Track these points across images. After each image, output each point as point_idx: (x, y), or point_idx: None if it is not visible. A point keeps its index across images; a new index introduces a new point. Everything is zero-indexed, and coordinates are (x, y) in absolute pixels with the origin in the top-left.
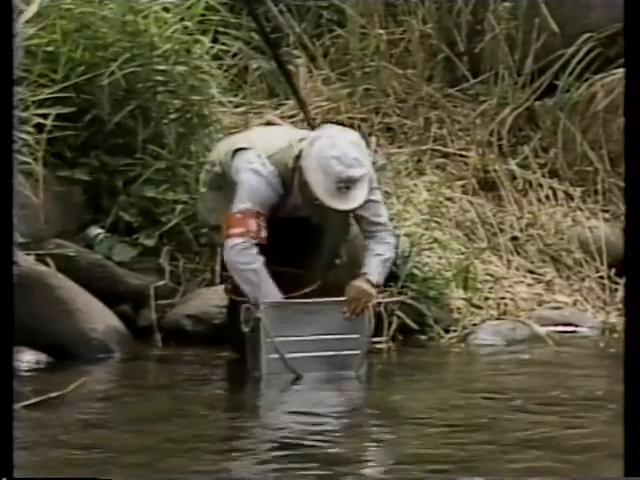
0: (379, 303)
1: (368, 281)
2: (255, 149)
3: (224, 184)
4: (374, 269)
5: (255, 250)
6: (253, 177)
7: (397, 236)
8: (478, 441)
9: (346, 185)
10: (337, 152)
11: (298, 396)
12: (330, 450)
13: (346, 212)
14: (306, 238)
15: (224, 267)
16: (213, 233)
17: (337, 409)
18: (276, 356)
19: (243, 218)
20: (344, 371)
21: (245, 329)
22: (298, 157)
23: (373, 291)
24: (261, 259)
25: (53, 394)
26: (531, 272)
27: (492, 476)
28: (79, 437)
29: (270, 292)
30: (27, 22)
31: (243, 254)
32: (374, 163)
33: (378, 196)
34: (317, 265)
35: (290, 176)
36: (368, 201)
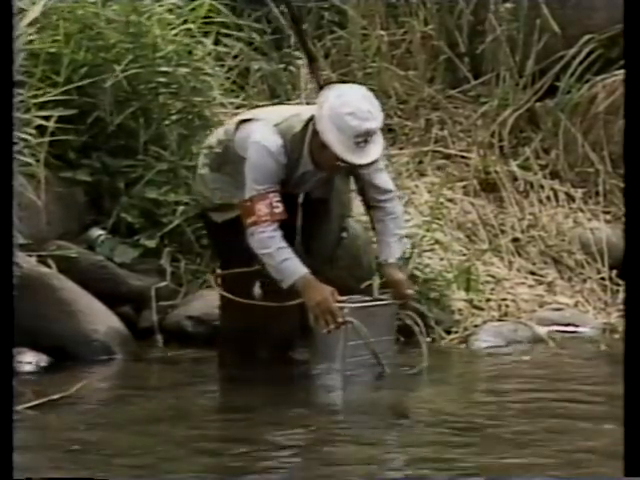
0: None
1: (396, 266)
2: (260, 120)
3: (226, 162)
4: (394, 252)
5: (269, 232)
6: (259, 153)
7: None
8: (478, 441)
9: (364, 139)
10: (350, 108)
11: (305, 396)
12: (330, 451)
13: (351, 177)
14: (312, 216)
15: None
16: (213, 213)
17: (335, 409)
18: (352, 359)
19: (252, 205)
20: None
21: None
22: (307, 123)
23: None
24: (277, 240)
25: (55, 396)
26: (532, 273)
27: (492, 476)
28: (80, 438)
29: (291, 271)
30: (29, 24)
31: (258, 240)
32: None
33: (382, 165)
34: (325, 242)
35: (299, 144)
36: (375, 170)
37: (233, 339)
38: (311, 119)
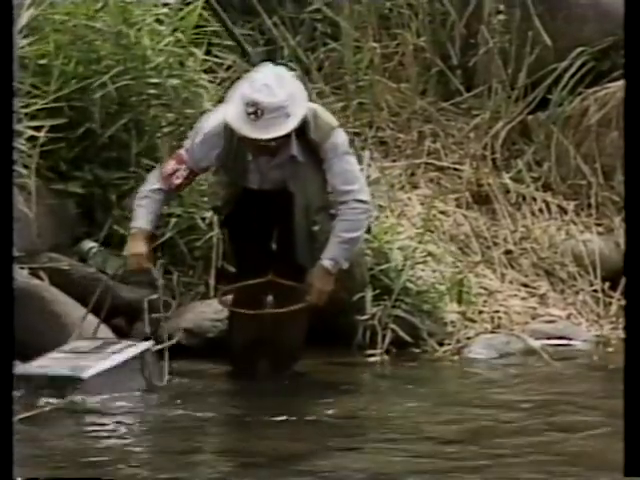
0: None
1: (324, 270)
2: None
3: None
4: (330, 254)
5: (152, 189)
6: (199, 132)
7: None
8: (469, 453)
9: (254, 110)
10: (251, 79)
11: (282, 405)
12: (318, 463)
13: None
14: (277, 211)
15: (219, 280)
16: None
17: (325, 419)
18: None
19: (169, 160)
20: None
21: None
22: None
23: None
24: (151, 193)
25: (47, 407)
26: (525, 285)
27: None
28: (72, 450)
29: (134, 219)
30: (18, 33)
31: (141, 191)
32: (367, 177)
33: (351, 163)
34: (294, 237)
35: None
36: (340, 169)
37: (241, 350)
38: None
